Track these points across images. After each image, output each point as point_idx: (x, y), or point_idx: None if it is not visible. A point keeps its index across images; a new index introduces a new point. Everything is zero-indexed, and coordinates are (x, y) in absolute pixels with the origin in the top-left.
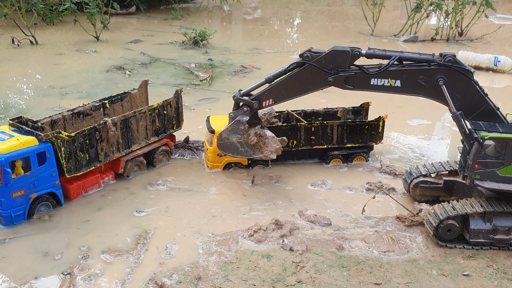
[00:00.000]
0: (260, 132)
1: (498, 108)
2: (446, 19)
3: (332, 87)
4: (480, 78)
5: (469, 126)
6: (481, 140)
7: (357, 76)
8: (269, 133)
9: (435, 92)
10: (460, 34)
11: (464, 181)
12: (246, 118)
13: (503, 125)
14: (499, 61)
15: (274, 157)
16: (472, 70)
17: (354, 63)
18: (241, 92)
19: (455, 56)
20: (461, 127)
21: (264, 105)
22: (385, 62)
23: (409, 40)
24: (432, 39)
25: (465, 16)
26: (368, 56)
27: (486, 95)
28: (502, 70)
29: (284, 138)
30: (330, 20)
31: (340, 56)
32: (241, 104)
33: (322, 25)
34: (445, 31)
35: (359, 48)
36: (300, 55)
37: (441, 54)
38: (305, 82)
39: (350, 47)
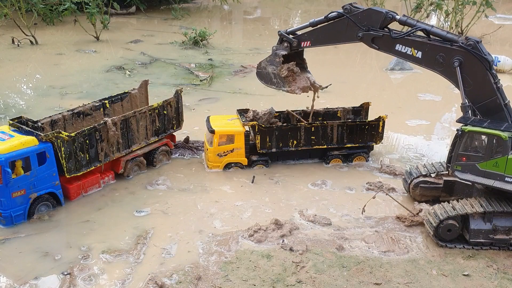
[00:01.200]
0: (293, 68)
1: (506, 104)
2: (446, 19)
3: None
4: None
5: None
6: (460, 133)
7: (384, 37)
8: (304, 74)
9: (450, 71)
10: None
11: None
12: (284, 53)
13: (494, 122)
14: (499, 61)
15: (300, 93)
16: (492, 59)
17: (387, 26)
18: (287, 30)
19: (479, 42)
20: None
21: (302, 45)
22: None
23: None
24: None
25: (465, 16)
26: (401, 22)
27: (499, 89)
28: (502, 70)
29: (319, 84)
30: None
31: (374, 15)
32: (283, 39)
33: None
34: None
35: (394, 12)
36: (342, 7)
37: (466, 38)
38: (339, 32)
39: (386, 10)
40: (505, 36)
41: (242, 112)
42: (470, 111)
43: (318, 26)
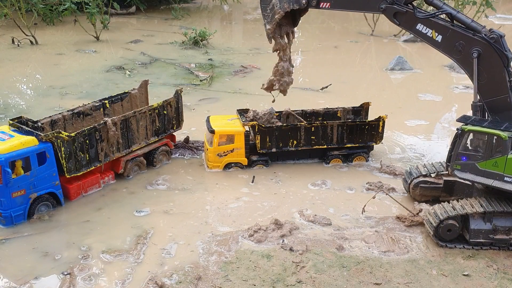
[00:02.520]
0: (290, 32)
1: None
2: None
3: None
4: None
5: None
6: (459, 132)
7: (407, 14)
8: (288, 62)
9: (467, 61)
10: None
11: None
12: (296, 6)
13: (494, 121)
14: None
15: (271, 43)
16: (511, 56)
17: (412, 3)
18: None
19: (502, 36)
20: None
21: (321, 6)
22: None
23: (409, 40)
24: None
25: None
26: (427, 1)
27: (511, 88)
28: None
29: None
30: (330, 20)
31: None
32: None
33: (322, 25)
34: None
35: None
36: None
37: (490, 29)
38: (363, 0)
39: None
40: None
41: (242, 112)
42: (479, 111)
43: None
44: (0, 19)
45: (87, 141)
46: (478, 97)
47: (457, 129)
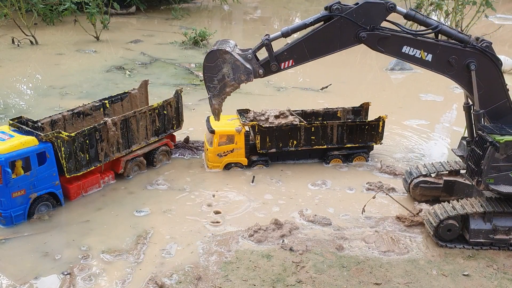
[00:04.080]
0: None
1: None
2: (446, 19)
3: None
4: None
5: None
6: (497, 145)
7: (391, 38)
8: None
9: (462, 75)
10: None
11: (477, 187)
12: (250, 80)
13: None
14: None
15: (216, 119)
16: (501, 61)
17: (395, 23)
18: (267, 38)
19: (491, 43)
20: (477, 128)
21: (283, 67)
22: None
23: None
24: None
25: (465, 16)
26: (408, 17)
27: (507, 90)
28: (502, 70)
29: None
30: None
31: (373, 8)
32: (260, 64)
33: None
34: None
35: (391, 1)
36: (327, 7)
37: (477, 38)
38: (332, 39)
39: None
40: (505, 36)
41: (242, 112)
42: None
43: (298, 38)
44: (0, 19)
45: (87, 141)
46: (478, 103)
47: (490, 142)
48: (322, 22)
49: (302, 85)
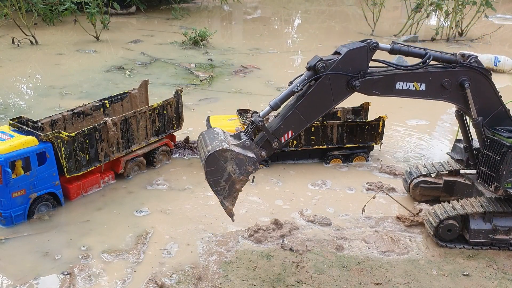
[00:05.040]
0: None
1: (509, 110)
2: (446, 19)
3: None
4: None
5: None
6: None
7: (384, 79)
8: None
9: (457, 95)
10: (460, 34)
11: (496, 193)
12: (257, 168)
13: None
14: (499, 61)
15: (232, 219)
16: (490, 72)
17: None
18: (257, 118)
19: (478, 57)
20: (480, 134)
21: (283, 141)
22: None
23: (409, 40)
24: (432, 39)
25: (465, 16)
26: (393, 51)
27: (501, 97)
28: (502, 70)
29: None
30: (330, 20)
31: (357, 54)
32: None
33: (323, 25)
34: (445, 31)
35: (372, 40)
36: (311, 68)
37: (463, 55)
38: (325, 97)
39: (362, 41)
40: (505, 36)
41: (242, 112)
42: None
43: (290, 108)
44: (0, 19)
45: (87, 141)
46: (475, 114)
47: (509, 146)
48: (309, 84)
49: None
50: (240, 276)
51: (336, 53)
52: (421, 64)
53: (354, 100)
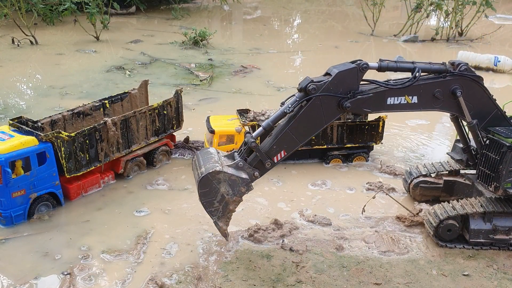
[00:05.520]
0: None
1: (504, 113)
2: (446, 19)
3: None
4: None
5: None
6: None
7: (374, 97)
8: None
9: (449, 103)
10: (460, 34)
11: (496, 193)
12: (251, 184)
13: None
14: (499, 61)
15: (226, 239)
16: (482, 77)
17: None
18: (250, 141)
19: (468, 64)
20: (477, 136)
21: (276, 161)
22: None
23: (409, 40)
24: (432, 39)
25: (465, 16)
26: (381, 69)
27: (495, 100)
28: (502, 70)
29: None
30: (330, 20)
31: (348, 76)
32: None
33: (323, 25)
34: (445, 31)
35: (362, 61)
36: (302, 89)
37: (453, 63)
38: (317, 117)
39: (352, 62)
40: (505, 36)
41: (242, 112)
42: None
43: (282, 128)
44: (0, 19)
45: (87, 141)
46: (469, 117)
47: (509, 146)
48: (300, 105)
49: None
50: (240, 276)
51: (327, 74)
52: (412, 79)
53: None
